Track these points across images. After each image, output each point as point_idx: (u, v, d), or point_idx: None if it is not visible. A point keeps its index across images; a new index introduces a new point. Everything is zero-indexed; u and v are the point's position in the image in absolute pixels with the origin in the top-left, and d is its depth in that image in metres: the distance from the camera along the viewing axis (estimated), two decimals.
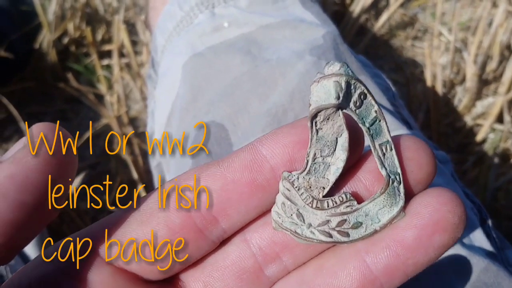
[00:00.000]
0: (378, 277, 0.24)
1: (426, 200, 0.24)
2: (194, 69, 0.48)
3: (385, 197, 0.25)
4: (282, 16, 0.49)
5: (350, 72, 0.24)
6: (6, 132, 0.98)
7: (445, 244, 0.24)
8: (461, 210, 0.24)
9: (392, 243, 0.24)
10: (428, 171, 0.25)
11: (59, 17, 1.03)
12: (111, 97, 0.97)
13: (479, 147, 0.90)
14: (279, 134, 0.25)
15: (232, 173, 0.25)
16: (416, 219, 0.24)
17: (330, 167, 0.25)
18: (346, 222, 0.25)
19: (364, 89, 0.24)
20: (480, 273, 0.34)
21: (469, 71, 0.93)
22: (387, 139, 0.25)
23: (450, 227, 0.24)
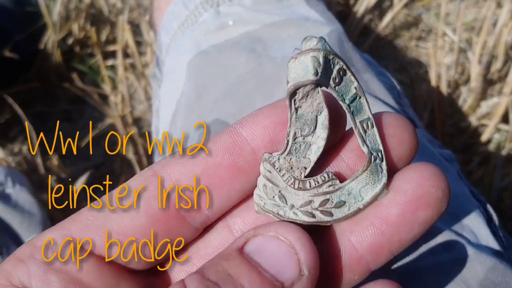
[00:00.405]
0: (363, 255, 0.24)
1: (409, 175, 0.24)
2: (198, 67, 0.48)
3: (368, 174, 0.24)
4: (287, 14, 0.49)
5: (328, 47, 0.23)
6: (11, 133, 0.99)
7: (429, 219, 0.24)
8: (445, 184, 0.24)
9: (376, 221, 0.24)
10: (409, 146, 0.25)
11: (63, 17, 1.04)
12: (115, 97, 0.97)
13: (484, 147, 0.90)
14: (259, 115, 0.25)
15: (213, 157, 0.24)
16: (400, 196, 0.24)
17: (311, 146, 0.25)
18: (329, 201, 0.24)
19: (343, 64, 0.24)
20: (488, 272, 0.34)
21: (474, 71, 0.92)
22: (368, 116, 0.24)
23: (433, 202, 0.24)
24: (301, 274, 0.22)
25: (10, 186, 0.60)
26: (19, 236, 0.57)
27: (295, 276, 0.22)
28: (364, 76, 0.46)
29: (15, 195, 0.59)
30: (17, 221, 0.57)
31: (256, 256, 0.22)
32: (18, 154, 0.94)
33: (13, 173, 0.62)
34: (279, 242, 0.22)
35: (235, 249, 0.23)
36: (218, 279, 0.21)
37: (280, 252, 0.22)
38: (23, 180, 0.62)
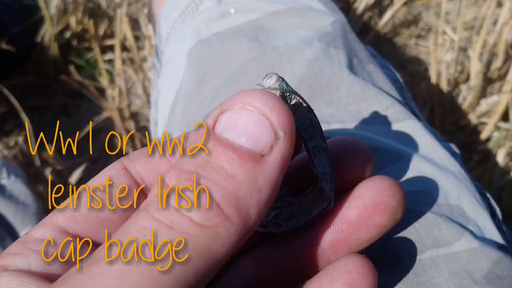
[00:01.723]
0: (325, 250, 0.27)
1: (369, 185, 0.27)
2: (199, 55, 0.47)
3: (315, 193, 0.28)
4: (290, 3, 0.48)
5: (285, 85, 0.26)
6: (7, 126, 0.98)
7: (385, 224, 0.27)
8: (400, 195, 0.27)
9: (337, 220, 0.27)
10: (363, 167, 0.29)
11: (61, 11, 1.03)
12: (112, 91, 0.97)
13: (484, 145, 0.90)
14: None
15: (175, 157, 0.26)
16: (359, 201, 0.27)
17: None
18: (281, 215, 0.28)
19: (299, 99, 0.27)
20: (493, 265, 0.33)
21: (474, 69, 0.92)
22: (320, 142, 0.28)
23: (389, 209, 0.27)
24: (277, 137, 0.22)
25: (5, 177, 0.59)
26: (14, 227, 0.56)
27: (272, 140, 0.22)
28: (367, 67, 0.45)
29: (10, 186, 0.58)
30: (11, 212, 0.56)
31: (228, 133, 0.22)
32: (14, 147, 0.93)
33: (8, 164, 0.62)
34: (248, 112, 0.22)
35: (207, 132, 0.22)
36: (196, 167, 0.21)
37: (251, 122, 0.22)
38: (18, 171, 0.61)
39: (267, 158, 0.22)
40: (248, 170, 0.21)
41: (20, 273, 0.23)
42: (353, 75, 0.43)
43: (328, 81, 0.42)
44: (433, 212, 0.35)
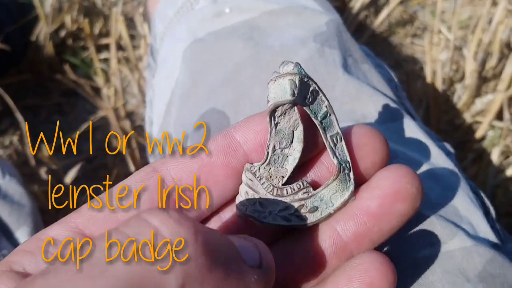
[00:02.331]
0: (348, 243, 0.27)
1: (386, 174, 0.27)
2: (194, 55, 0.47)
3: (337, 183, 0.28)
4: (285, 2, 0.48)
5: (303, 71, 0.27)
6: (1, 125, 0.97)
7: (405, 213, 0.27)
8: (418, 182, 0.27)
9: (358, 212, 0.27)
10: (382, 154, 0.28)
11: (56, 9, 1.02)
12: (108, 90, 0.96)
13: (478, 144, 0.90)
14: (251, 122, 0.28)
15: (209, 156, 0.27)
16: (378, 190, 0.27)
17: (288, 157, 0.28)
18: (304, 207, 0.27)
19: (315, 86, 0.27)
20: (486, 264, 0.34)
21: (469, 68, 0.92)
22: (337, 131, 0.28)
23: (409, 196, 0.27)
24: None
25: (0, 177, 0.59)
26: (8, 227, 0.56)
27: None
28: (362, 67, 0.45)
29: (5, 186, 0.58)
30: (6, 212, 0.56)
31: None
32: (8, 147, 0.93)
33: (3, 164, 0.61)
34: None
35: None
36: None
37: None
38: (13, 170, 0.61)
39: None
40: None
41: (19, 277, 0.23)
42: (348, 74, 0.43)
43: (323, 81, 0.42)
44: (426, 211, 0.35)
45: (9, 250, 0.54)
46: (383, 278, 0.25)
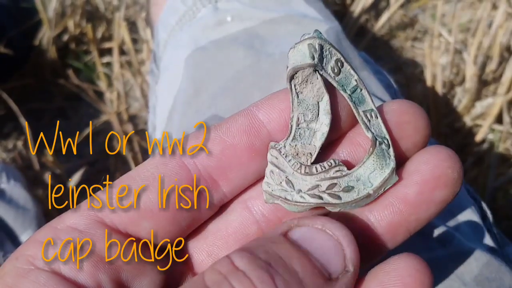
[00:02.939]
0: (382, 234, 0.25)
1: (426, 157, 0.25)
2: (196, 63, 0.48)
3: (374, 159, 0.25)
4: (285, 11, 0.49)
5: (324, 37, 0.25)
6: (5, 129, 0.98)
7: (445, 199, 0.25)
8: (459, 166, 0.25)
9: (395, 200, 0.25)
10: (424, 133, 0.25)
11: (59, 14, 1.03)
12: (111, 94, 0.97)
13: (479, 147, 0.91)
14: (274, 99, 0.25)
15: (231, 137, 0.25)
16: (417, 176, 0.24)
17: (316, 133, 0.26)
18: (337, 185, 0.25)
19: (340, 56, 0.25)
20: (483, 268, 0.34)
21: (469, 71, 0.93)
22: (371, 108, 0.25)
23: (450, 182, 0.24)
24: (346, 270, 0.22)
25: (5, 181, 0.60)
26: (14, 232, 0.57)
27: (341, 270, 0.22)
28: (361, 74, 0.46)
29: (10, 190, 0.59)
30: (11, 216, 0.57)
31: (304, 244, 0.23)
32: (12, 151, 0.94)
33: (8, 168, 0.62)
34: (327, 235, 0.23)
35: (279, 234, 0.23)
36: (269, 259, 0.22)
37: (328, 245, 0.22)
38: (17, 175, 0.62)
39: (334, 285, 0.22)
40: (316, 284, 0.22)
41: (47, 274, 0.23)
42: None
43: None
44: None
45: None
46: (419, 284, 0.23)
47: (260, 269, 0.21)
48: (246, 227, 0.26)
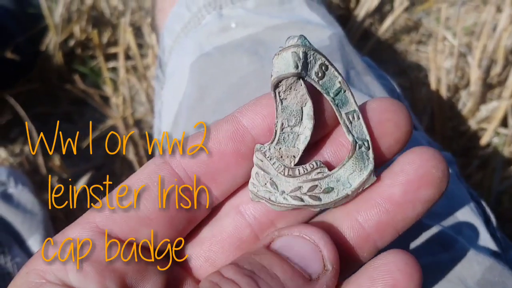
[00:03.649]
0: (371, 234, 0.26)
1: (410, 157, 0.25)
2: (201, 69, 0.48)
3: (353, 161, 0.26)
4: (288, 17, 0.49)
5: (308, 43, 0.25)
6: (12, 134, 0.99)
7: (431, 198, 0.25)
8: (444, 165, 0.25)
9: (381, 200, 0.26)
10: (406, 130, 0.26)
11: (65, 19, 1.04)
12: (116, 99, 0.98)
13: (483, 150, 0.91)
14: (258, 105, 0.26)
15: (218, 144, 0.26)
16: (402, 176, 0.25)
17: (299, 136, 0.26)
18: (318, 187, 0.26)
19: (324, 60, 0.25)
20: (485, 272, 0.34)
21: (474, 75, 0.93)
22: (354, 109, 0.26)
23: (434, 181, 0.25)
24: (326, 269, 0.24)
25: (13, 186, 0.60)
26: (21, 236, 0.57)
27: (320, 270, 0.24)
28: (364, 79, 0.46)
29: (17, 195, 0.60)
30: (19, 220, 0.57)
31: (285, 251, 0.25)
32: (19, 155, 0.95)
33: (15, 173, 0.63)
34: (304, 240, 0.25)
35: (263, 247, 0.25)
36: (253, 268, 0.24)
37: (306, 249, 0.24)
38: (25, 180, 0.63)
39: (314, 284, 0.24)
40: (298, 286, 0.24)
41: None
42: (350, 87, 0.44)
43: None
44: (427, 220, 0.36)
45: (21, 257, 0.55)
46: (408, 279, 0.23)
47: (246, 276, 0.23)
48: (240, 231, 0.27)
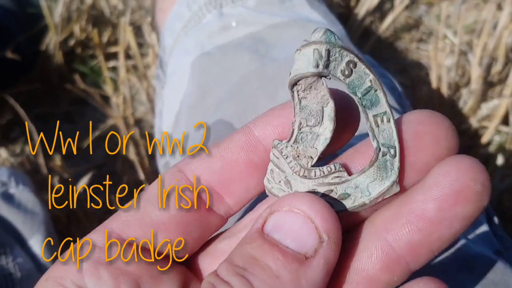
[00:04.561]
0: (402, 255, 0.23)
1: (445, 169, 0.23)
2: (202, 68, 0.48)
3: (375, 170, 0.24)
4: (289, 15, 0.49)
5: (334, 39, 0.23)
6: (12, 134, 0.99)
7: (470, 215, 0.23)
8: (484, 176, 0.23)
9: (413, 218, 0.23)
10: (447, 145, 0.23)
11: (65, 19, 1.04)
12: (117, 99, 0.98)
13: (485, 149, 0.90)
14: (270, 116, 0.26)
15: (230, 154, 0.26)
16: (436, 190, 0.23)
17: (319, 137, 0.25)
18: (333, 192, 0.25)
19: (353, 57, 0.24)
20: (488, 271, 0.34)
21: (474, 73, 0.93)
22: (385, 110, 0.24)
23: (473, 196, 0.22)
24: (321, 241, 0.22)
25: (14, 186, 0.60)
26: (22, 236, 0.57)
27: (316, 244, 0.22)
28: None
29: (18, 195, 0.60)
30: (20, 221, 0.57)
31: (275, 233, 0.23)
32: (20, 155, 0.94)
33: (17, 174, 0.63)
34: (294, 214, 0.23)
35: (255, 231, 0.23)
36: (245, 263, 0.22)
37: (296, 224, 0.23)
38: (26, 180, 0.63)
39: (311, 261, 0.22)
40: (292, 271, 0.22)
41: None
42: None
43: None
44: None
45: (23, 258, 0.55)
46: None
47: (238, 276, 0.22)
48: None
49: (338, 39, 0.24)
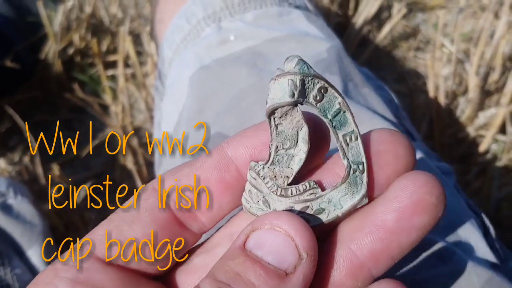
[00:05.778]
0: (364, 262, 0.25)
1: (403, 183, 0.25)
2: (201, 81, 0.48)
3: (346, 186, 0.26)
4: (287, 30, 0.49)
5: (306, 68, 0.25)
6: (11, 142, 0.99)
7: (426, 225, 0.25)
8: (439, 191, 0.25)
9: (374, 228, 0.25)
10: (405, 162, 0.26)
11: (64, 28, 1.05)
12: (116, 107, 0.98)
13: (482, 157, 0.91)
14: (243, 136, 0.27)
15: (204, 172, 0.27)
16: (395, 203, 0.25)
17: (294, 157, 0.27)
18: (309, 208, 0.26)
19: (324, 83, 0.25)
20: (484, 284, 0.35)
21: (472, 82, 0.93)
22: (352, 129, 0.26)
23: (429, 207, 0.24)
24: (301, 258, 0.24)
25: (12, 197, 0.61)
26: (21, 246, 0.57)
27: (295, 261, 0.24)
28: (362, 91, 0.47)
29: (17, 206, 0.60)
30: (18, 231, 0.57)
31: (257, 250, 0.24)
32: (18, 164, 0.95)
33: (15, 184, 0.63)
34: (275, 232, 0.24)
35: (237, 247, 0.25)
36: (228, 279, 0.23)
37: (278, 242, 0.24)
38: (24, 190, 0.63)
39: (291, 277, 0.23)
40: (273, 287, 0.23)
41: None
42: (348, 99, 0.44)
43: None
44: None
45: (21, 269, 0.55)
46: None
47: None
48: None
49: (310, 68, 0.25)
